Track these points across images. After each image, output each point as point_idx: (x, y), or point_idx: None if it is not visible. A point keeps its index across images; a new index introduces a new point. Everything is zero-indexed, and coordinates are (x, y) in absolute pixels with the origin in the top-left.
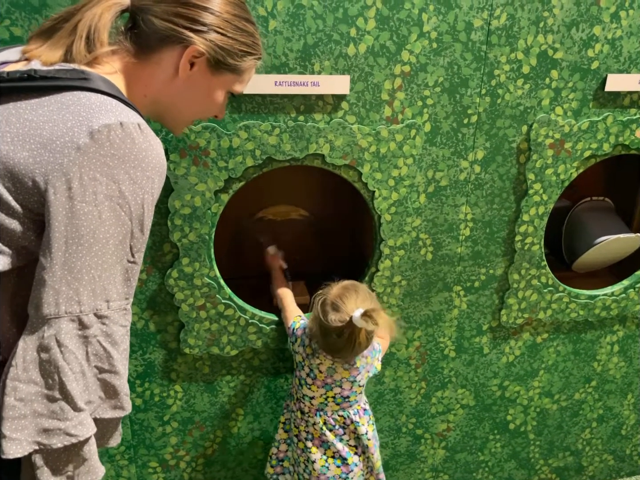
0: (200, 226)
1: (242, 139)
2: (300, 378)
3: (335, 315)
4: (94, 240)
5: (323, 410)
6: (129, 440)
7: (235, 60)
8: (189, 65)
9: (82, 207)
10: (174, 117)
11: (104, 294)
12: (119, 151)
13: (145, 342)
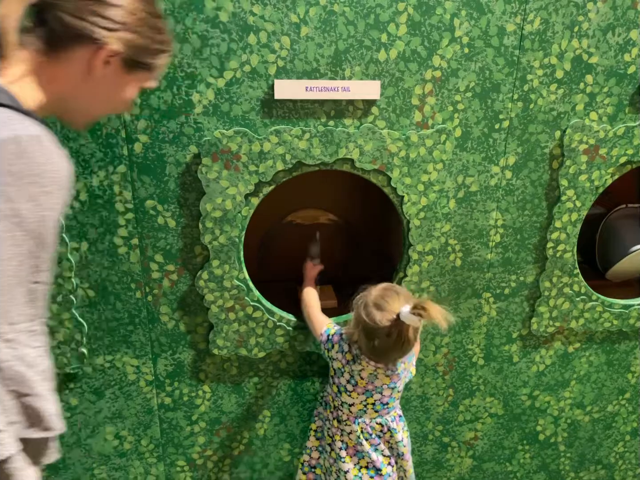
0: (230, 229)
1: (273, 143)
2: (339, 385)
3: (381, 314)
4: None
5: (361, 417)
6: (157, 438)
7: (150, 59)
8: (103, 63)
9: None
10: (83, 113)
11: (6, 317)
12: (13, 167)
13: (175, 342)
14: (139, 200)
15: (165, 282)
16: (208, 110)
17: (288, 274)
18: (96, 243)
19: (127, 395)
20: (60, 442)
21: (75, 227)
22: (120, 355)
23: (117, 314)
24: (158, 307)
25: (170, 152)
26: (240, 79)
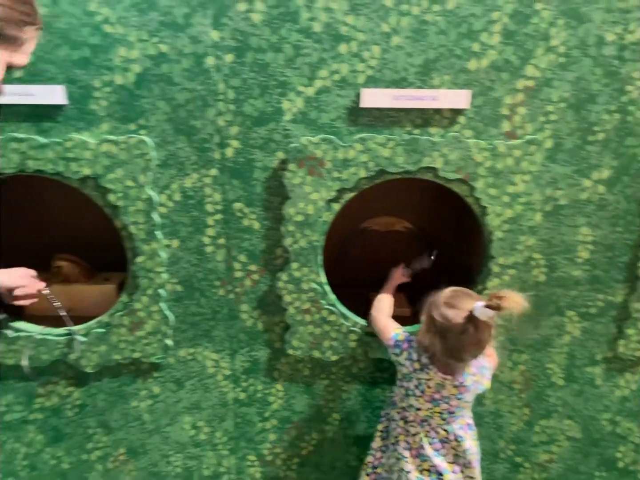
0: (311, 233)
1: (357, 151)
2: (407, 389)
3: (454, 312)
4: None
5: (427, 422)
6: (231, 432)
7: (15, 31)
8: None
9: None
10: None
11: None
12: None
13: (252, 339)
14: (228, 202)
15: (247, 282)
16: (297, 117)
17: (360, 279)
18: (186, 241)
19: (205, 387)
20: (141, 427)
21: (168, 225)
22: (201, 349)
23: (200, 309)
24: (239, 305)
25: (259, 157)
26: (329, 88)
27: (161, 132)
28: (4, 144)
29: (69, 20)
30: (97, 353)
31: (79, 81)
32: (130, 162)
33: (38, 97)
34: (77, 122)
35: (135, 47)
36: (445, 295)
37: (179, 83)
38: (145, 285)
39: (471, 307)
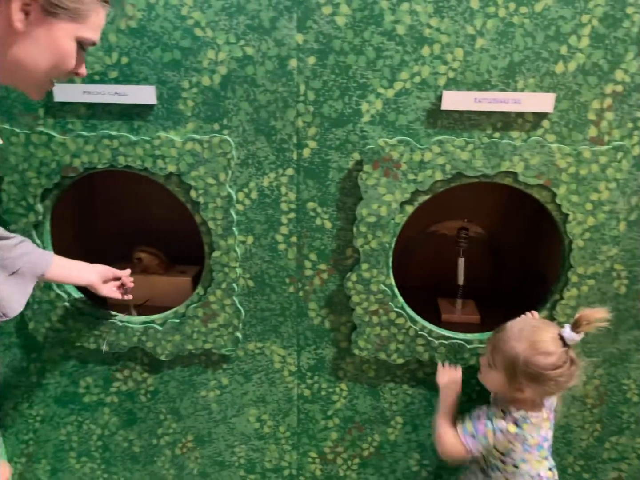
0: (382, 235)
1: (434, 153)
2: (513, 463)
3: (549, 357)
4: None
5: (539, 472)
6: (294, 427)
7: (74, 3)
8: (22, 15)
9: None
10: (24, 77)
11: None
12: None
13: (319, 337)
14: (302, 201)
15: (316, 280)
16: (375, 119)
17: (425, 283)
18: (260, 238)
19: (272, 382)
20: (209, 417)
21: (244, 222)
22: (269, 343)
23: (270, 304)
24: (307, 302)
25: (334, 158)
26: (409, 90)
27: (242, 132)
28: (97, 140)
29: (162, 24)
30: (172, 342)
31: (169, 82)
32: (213, 160)
33: (131, 96)
34: (165, 122)
35: (223, 49)
36: (523, 347)
37: (262, 85)
38: (219, 279)
39: (558, 340)
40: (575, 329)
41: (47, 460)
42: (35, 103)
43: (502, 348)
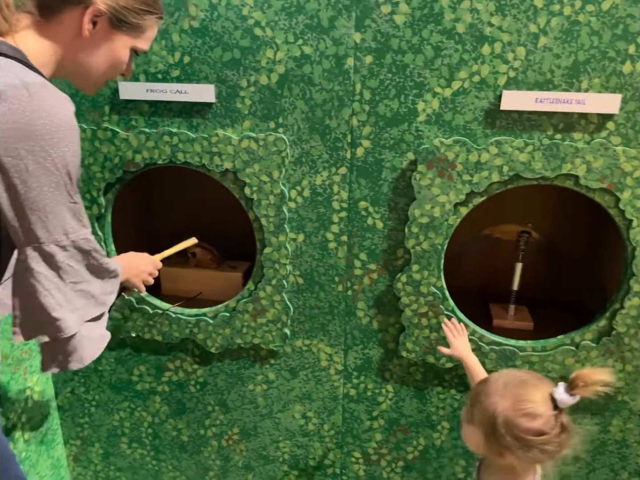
0: (435, 236)
1: (492, 154)
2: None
3: (535, 422)
4: (27, 188)
5: None
6: (339, 426)
7: (137, 19)
8: (91, 25)
9: (8, 161)
10: (83, 76)
11: (60, 229)
12: (27, 110)
13: (367, 337)
14: (353, 200)
15: (365, 280)
16: (430, 119)
17: (477, 287)
18: (311, 236)
19: (318, 379)
20: (255, 410)
21: (295, 220)
22: (316, 341)
23: (319, 302)
24: (356, 302)
25: (388, 158)
26: (468, 89)
27: (297, 130)
28: (158, 137)
29: (224, 24)
30: (222, 335)
31: (228, 81)
32: (267, 158)
33: (191, 95)
34: (223, 119)
35: (281, 49)
36: (506, 404)
37: (318, 84)
38: (270, 276)
39: (548, 403)
40: (570, 390)
41: (100, 444)
42: (101, 100)
43: (483, 402)
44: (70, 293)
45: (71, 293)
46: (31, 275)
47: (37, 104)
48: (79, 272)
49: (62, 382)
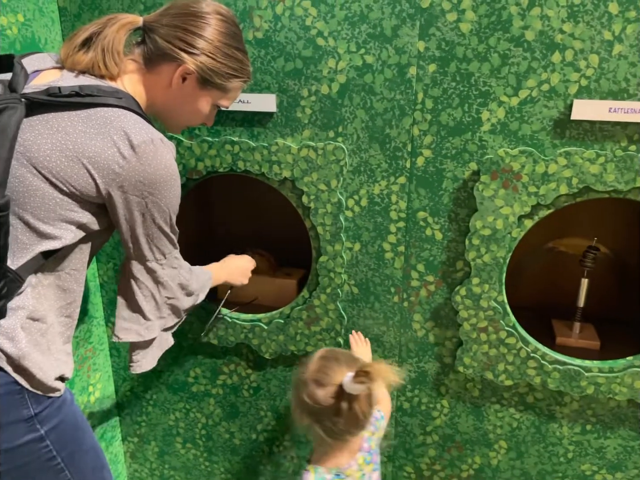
0: (497, 249)
1: (560, 165)
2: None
3: (323, 392)
4: (143, 219)
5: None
6: (391, 439)
7: (222, 81)
8: (181, 80)
9: (133, 198)
10: (168, 119)
11: (160, 251)
12: (152, 162)
13: (422, 351)
14: (412, 210)
15: (422, 292)
16: (495, 128)
17: (539, 302)
18: (367, 245)
19: None
20: None
21: (352, 229)
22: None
23: (374, 313)
24: (412, 314)
25: (449, 168)
26: (536, 98)
27: (357, 139)
28: (220, 145)
29: (287, 34)
30: (276, 341)
31: (289, 91)
32: (326, 167)
33: (253, 104)
34: (283, 129)
35: (343, 58)
36: (311, 369)
37: (380, 92)
38: (325, 284)
39: (341, 380)
40: (354, 378)
41: (156, 442)
42: None
43: (300, 368)
44: (163, 304)
45: (163, 304)
46: (136, 283)
47: (159, 158)
48: (172, 288)
49: (122, 381)
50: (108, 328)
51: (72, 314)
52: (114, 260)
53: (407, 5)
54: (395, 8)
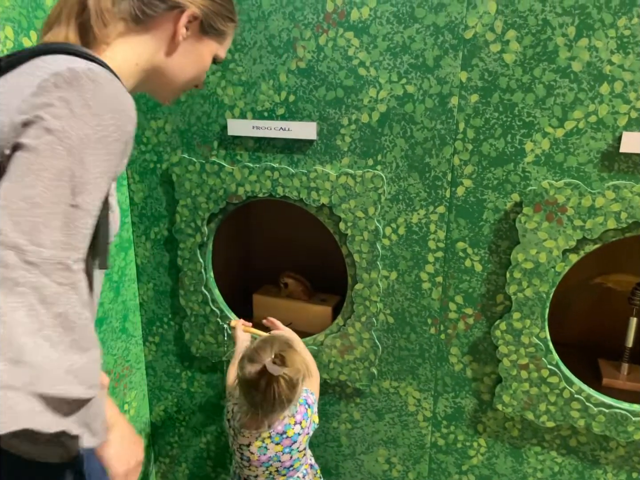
0: (539, 283)
1: (608, 199)
2: (237, 461)
3: (251, 366)
4: (27, 170)
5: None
6: (425, 476)
7: (221, 25)
8: (185, 29)
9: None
10: (166, 84)
11: (32, 234)
12: (78, 86)
13: (459, 385)
14: (451, 241)
15: (460, 324)
16: (539, 159)
17: (584, 340)
18: (404, 275)
19: (404, 424)
20: (338, 449)
21: (389, 257)
22: (405, 384)
23: (409, 344)
24: (449, 347)
25: (491, 199)
26: (582, 130)
27: (395, 167)
28: (260, 171)
29: (329, 64)
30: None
31: (330, 119)
32: (364, 194)
33: (294, 132)
34: (323, 156)
35: (384, 88)
36: (252, 347)
37: (420, 122)
38: (360, 312)
39: (262, 363)
40: (272, 359)
41: (187, 464)
42: (211, 136)
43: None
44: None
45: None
46: None
47: (90, 84)
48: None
49: (157, 400)
50: (145, 347)
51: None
52: (154, 280)
53: (449, 36)
54: (437, 39)
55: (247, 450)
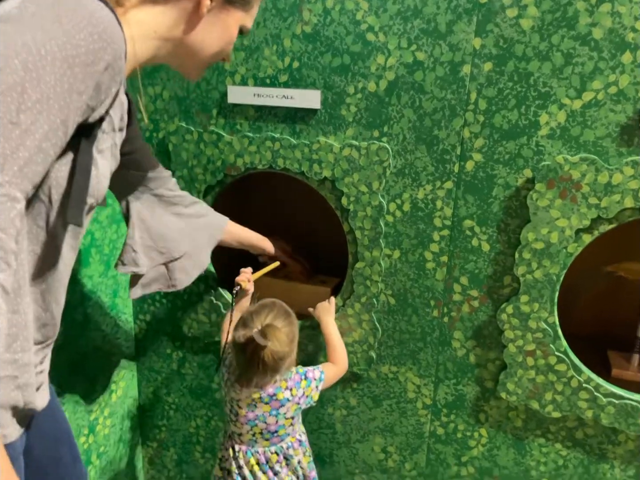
0: (550, 265)
1: (626, 176)
2: (227, 414)
3: (243, 330)
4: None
5: (254, 447)
6: (422, 467)
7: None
8: (209, 0)
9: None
10: (191, 58)
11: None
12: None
13: (461, 372)
14: (458, 218)
15: (464, 307)
16: (554, 133)
17: (593, 330)
18: (407, 254)
19: (403, 412)
20: (332, 437)
21: (392, 235)
22: (404, 369)
23: (411, 327)
24: (452, 331)
25: (501, 174)
26: (602, 101)
27: (402, 140)
28: (261, 142)
29: (336, 29)
30: (304, 351)
31: (335, 87)
32: (368, 168)
33: (297, 100)
34: (326, 126)
35: (393, 54)
36: (249, 310)
37: (429, 91)
38: (360, 292)
39: (253, 329)
40: (259, 330)
41: (175, 449)
42: (210, 104)
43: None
44: None
45: None
46: None
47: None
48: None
49: (146, 381)
50: (136, 325)
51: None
52: None
53: (463, 0)
54: (451, 2)
55: (237, 404)
